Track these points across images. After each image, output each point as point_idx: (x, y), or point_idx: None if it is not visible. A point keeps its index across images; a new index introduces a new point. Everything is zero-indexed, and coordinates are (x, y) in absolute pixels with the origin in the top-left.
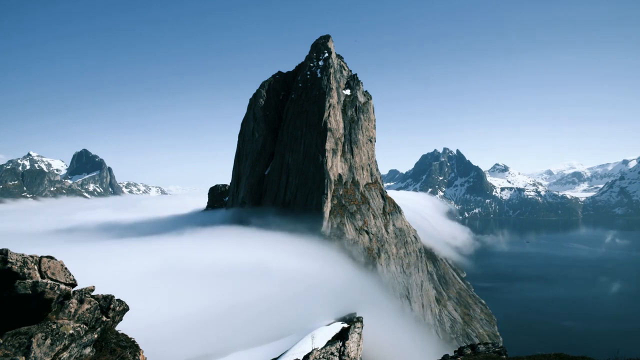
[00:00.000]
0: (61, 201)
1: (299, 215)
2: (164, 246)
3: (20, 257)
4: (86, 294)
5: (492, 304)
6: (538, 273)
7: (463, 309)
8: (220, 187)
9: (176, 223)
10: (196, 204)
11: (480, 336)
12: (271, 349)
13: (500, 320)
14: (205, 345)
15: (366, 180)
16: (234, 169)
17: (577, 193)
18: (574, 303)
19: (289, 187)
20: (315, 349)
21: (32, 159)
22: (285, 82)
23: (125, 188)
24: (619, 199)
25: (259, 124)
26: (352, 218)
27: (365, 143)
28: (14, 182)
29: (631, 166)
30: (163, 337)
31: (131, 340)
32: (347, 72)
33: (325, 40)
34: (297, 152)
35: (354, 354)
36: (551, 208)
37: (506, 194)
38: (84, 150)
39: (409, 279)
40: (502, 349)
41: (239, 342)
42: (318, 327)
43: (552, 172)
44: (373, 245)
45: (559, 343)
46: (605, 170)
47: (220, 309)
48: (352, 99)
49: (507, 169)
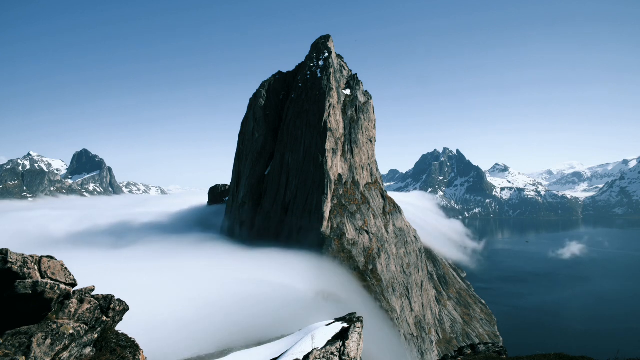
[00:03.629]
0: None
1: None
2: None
3: (20, 257)
4: (86, 294)
5: (492, 304)
6: (538, 273)
7: (463, 308)
8: (220, 186)
9: (177, 223)
10: (196, 203)
11: (480, 336)
12: (271, 349)
13: (500, 320)
14: (205, 345)
15: (366, 180)
16: (234, 168)
17: (577, 193)
18: (574, 303)
19: (289, 187)
20: (315, 349)
21: (32, 158)
22: (285, 81)
23: (125, 188)
24: (619, 199)
25: (259, 123)
26: (352, 218)
27: (365, 143)
28: (14, 182)
29: (631, 166)
30: (163, 337)
31: (131, 340)
32: (347, 72)
33: (325, 40)
34: (297, 152)
35: (354, 354)
36: (551, 208)
37: (506, 193)
38: (84, 150)
39: (409, 279)
40: (502, 349)
41: (239, 342)
42: (318, 327)
43: (552, 172)
44: (373, 245)
45: (559, 343)
46: (605, 170)
47: (220, 308)
48: (352, 99)
49: (507, 169)
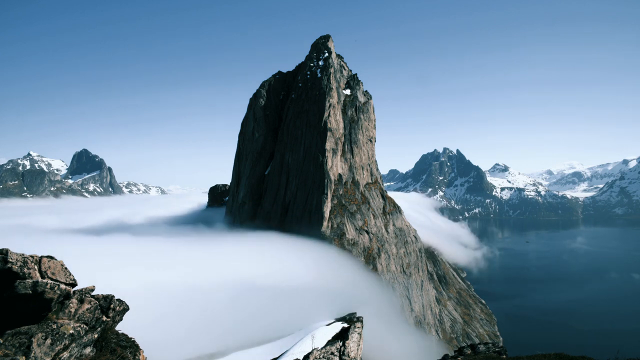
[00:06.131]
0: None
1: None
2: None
3: (20, 257)
4: (86, 294)
5: (492, 304)
6: (538, 273)
7: (463, 308)
8: (220, 187)
9: (178, 222)
10: (197, 203)
11: (480, 336)
12: (271, 349)
13: (500, 320)
14: (205, 345)
15: (366, 180)
16: (234, 168)
17: (577, 193)
18: (574, 302)
19: (289, 187)
20: (315, 349)
21: (32, 158)
22: (285, 82)
23: (125, 188)
24: (619, 199)
25: (259, 123)
26: (352, 218)
27: (365, 143)
28: (14, 182)
29: (631, 166)
30: (163, 337)
31: (131, 340)
32: (347, 71)
33: (325, 40)
34: (297, 152)
35: (354, 354)
36: (551, 208)
37: (506, 193)
38: (84, 150)
39: (409, 279)
40: (502, 349)
41: (239, 342)
42: (318, 327)
43: (552, 172)
44: (373, 245)
45: (559, 343)
46: (605, 170)
47: (220, 308)
48: (352, 99)
49: (507, 169)
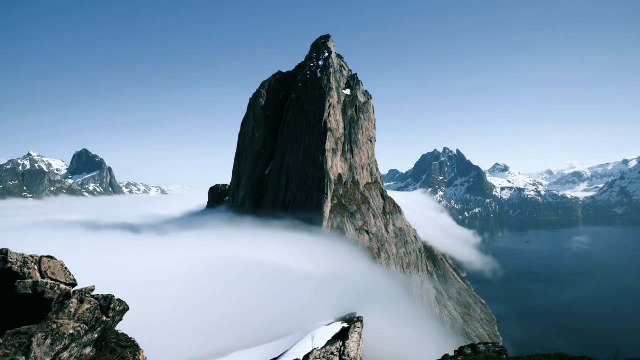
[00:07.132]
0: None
1: (298, 214)
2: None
3: (20, 257)
4: (86, 294)
5: (492, 304)
6: (538, 273)
7: (463, 308)
8: (220, 187)
9: (178, 222)
10: (196, 203)
11: (480, 336)
12: (271, 349)
13: (500, 320)
14: (205, 345)
15: (366, 180)
16: (234, 168)
17: (577, 193)
18: (574, 302)
19: (289, 187)
20: (316, 349)
21: (32, 158)
22: (285, 82)
23: (126, 188)
24: (619, 199)
25: (259, 123)
26: (352, 218)
27: (365, 143)
28: (14, 182)
29: (631, 166)
30: (163, 337)
31: (131, 340)
32: (347, 71)
33: (325, 40)
34: (297, 152)
35: (354, 354)
36: (551, 208)
37: (506, 193)
38: (84, 150)
39: (409, 278)
40: (502, 349)
41: (239, 342)
42: (318, 327)
43: (552, 172)
44: (373, 245)
45: (559, 343)
46: (605, 170)
47: (220, 308)
48: (352, 99)
49: (507, 168)
